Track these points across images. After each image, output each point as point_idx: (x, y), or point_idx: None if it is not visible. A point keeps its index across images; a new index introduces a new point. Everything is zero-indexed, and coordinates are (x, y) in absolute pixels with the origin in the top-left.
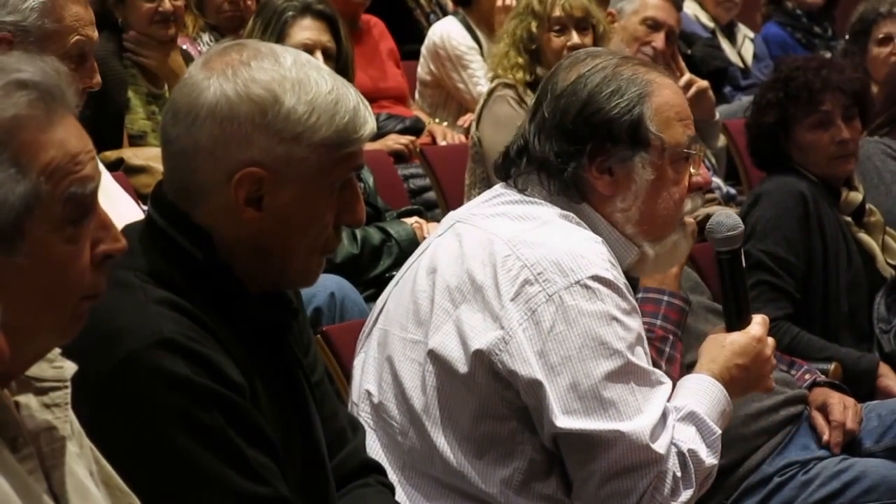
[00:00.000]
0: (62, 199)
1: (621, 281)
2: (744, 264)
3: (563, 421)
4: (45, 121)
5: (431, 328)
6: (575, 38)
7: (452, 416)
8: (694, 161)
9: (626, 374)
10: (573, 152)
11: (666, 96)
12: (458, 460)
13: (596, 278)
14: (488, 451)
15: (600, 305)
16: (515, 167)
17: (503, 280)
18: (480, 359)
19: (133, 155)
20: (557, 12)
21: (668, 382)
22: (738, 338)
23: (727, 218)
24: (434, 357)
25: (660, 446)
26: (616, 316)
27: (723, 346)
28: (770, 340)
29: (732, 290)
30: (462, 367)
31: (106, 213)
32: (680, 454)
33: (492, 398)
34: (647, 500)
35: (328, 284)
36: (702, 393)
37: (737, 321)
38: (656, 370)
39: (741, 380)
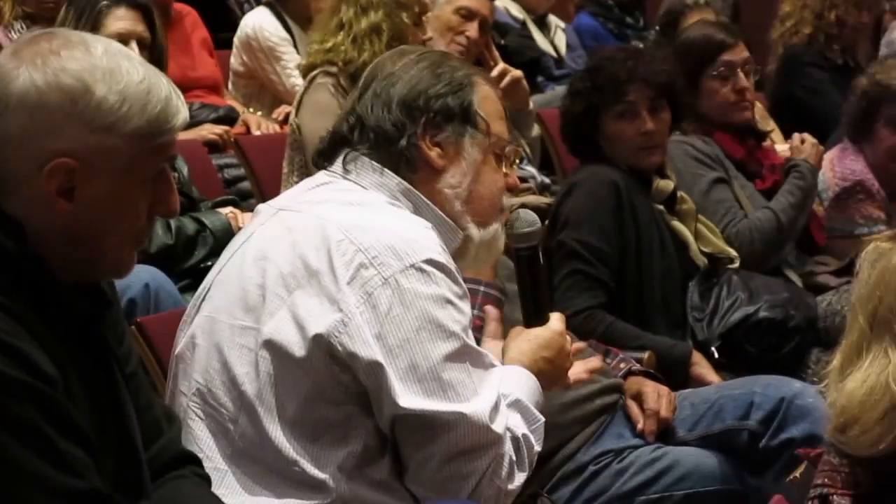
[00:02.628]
0: None
1: (453, 265)
2: (541, 261)
3: (407, 401)
4: None
5: (265, 314)
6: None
7: (286, 401)
8: (508, 162)
9: (462, 355)
10: (407, 123)
11: (487, 92)
12: (292, 445)
13: (430, 262)
14: (322, 436)
15: (435, 288)
16: (346, 144)
17: (338, 264)
18: (319, 343)
19: None
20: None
21: (499, 365)
22: (542, 332)
23: (526, 214)
24: (267, 342)
25: (498, 427)
26: (450, 299)
27: (528, 339)
28: (568, 338)
29: (532, 287)
30: (299, 350)
31: None
32: (514, 439)
33: (327, 382)
34: (486, 482)
35: (142, 275)
36: (520, 382)
37: (535, 318)
38: (488, 353)
39: (547, 373)
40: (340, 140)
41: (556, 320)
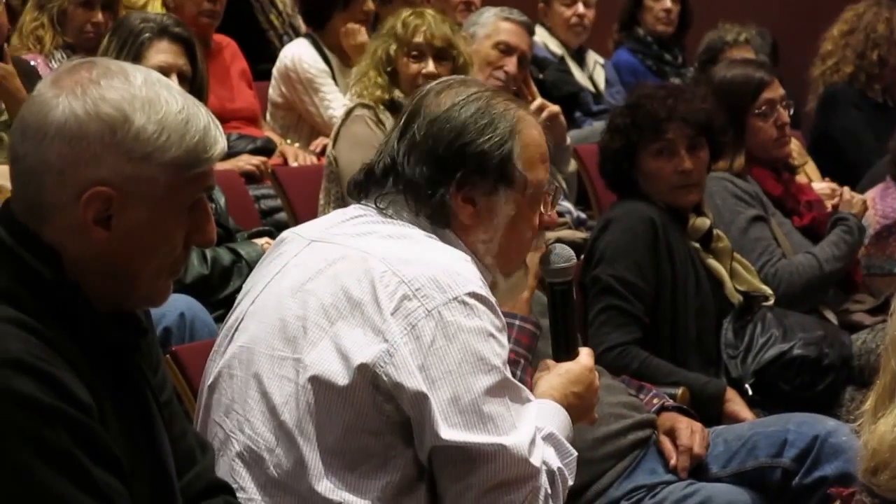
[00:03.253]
0: None
1: (493, 299)
2: (574, 296)
3: (448, 433)
4: None
5: (306, 345)
6: (431, 66)
7: (327, 430)
8: (546, 202)
9: (502, 389)
10: (442, 179)
11: (532, 136)
12: (330, 474)
13: (473, 295)
14: (361, 465)
15: (478, 322)
16: (379, 186)
17: (382, 295)
18: (363, 372)
19: None
20: (419, 39)
21: (534, 400)
22: (572, 366)
23: (563, 250)
24: (309, 372)
25: (535, 460)
26: (492, 332)
27: (559, 373)
28: (596, 373)
29: (563, 321)
30: (342, 380)
31: None
32: (550, 472)
33: (369, 412)
34: None
35: (178, 304)
36: (553, 416)
37: (565, 353)
38: (525, 387)
39: (576, 408)
40: (374, 180)
41: (585, 355)
